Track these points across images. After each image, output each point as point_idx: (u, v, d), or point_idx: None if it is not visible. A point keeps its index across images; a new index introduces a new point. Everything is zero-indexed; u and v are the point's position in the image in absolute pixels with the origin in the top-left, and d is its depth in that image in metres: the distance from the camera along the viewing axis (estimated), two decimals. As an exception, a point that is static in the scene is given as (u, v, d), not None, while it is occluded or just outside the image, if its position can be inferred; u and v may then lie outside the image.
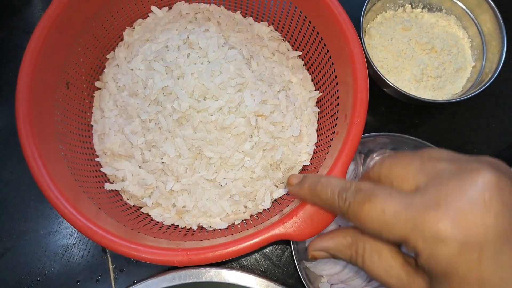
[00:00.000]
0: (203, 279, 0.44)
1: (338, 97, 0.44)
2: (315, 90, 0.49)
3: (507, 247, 0.23)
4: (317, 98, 0.49)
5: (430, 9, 0.57)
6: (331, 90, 0.46)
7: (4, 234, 0.50)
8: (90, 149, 0.47)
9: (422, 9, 0.57)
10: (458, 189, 0.23)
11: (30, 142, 0.38)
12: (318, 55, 0.47)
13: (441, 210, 0.23)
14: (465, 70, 0.55)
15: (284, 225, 0.36)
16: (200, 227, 0.46)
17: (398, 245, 0.28)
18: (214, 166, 0.44)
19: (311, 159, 0.47)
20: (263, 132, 0.45)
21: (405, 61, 0.54)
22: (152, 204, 0.46)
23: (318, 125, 0.48)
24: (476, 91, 0.48)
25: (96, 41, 0.48)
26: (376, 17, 0.57)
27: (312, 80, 0.50)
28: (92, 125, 0.49)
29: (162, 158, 0.44)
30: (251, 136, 0.45)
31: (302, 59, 0.50)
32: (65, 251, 0.49)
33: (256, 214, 0.46)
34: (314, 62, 0.49)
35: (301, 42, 0.49)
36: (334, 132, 0.43)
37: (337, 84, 0.44)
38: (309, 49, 0.49)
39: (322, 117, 0.48)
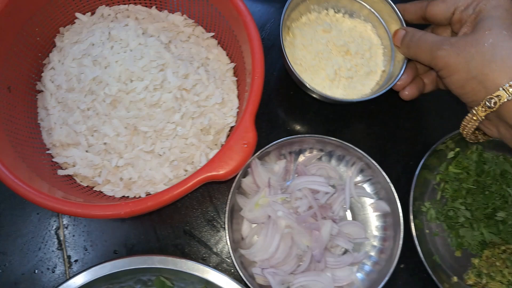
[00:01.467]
0: (146, 265, 0.48)
1: (245, 63, 0.52)
2: (231, 62, 0.57)
3: None
4: (233, 69, 0.57)
5: (350, 15, 0.60)
6: (240, 60, 0.54)
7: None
8: (41, 144, 0.54)
9: (343, 14, 0.60)
10: None
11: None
12: (227, 34, 0.55)
13: None
14: (375, 73, 0.58)
15: (208, 168, 0.43)
16: (148, 195, 0.52)
17: None
18: (150, 138, 0.51)
19: (236, 120, 0.55)
20: (189, 103, 0.52)
21: (322, 61, 0.57)
22: (102, 182, 0.52)
23: (238, 91, 0.56)
24: (379, 93, 0.53)
25: (30, 49, 0.54)
26: (301, 17, 0.60)
27: (227, 55, 0.58)
28: (39, 123, 0.55)
29: (104, 140, 0.51)
30: (179, 108, 0.52)
31: (216, 39, 0.58)
32: (24, 244, 0.54)
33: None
34: (225, 40, 0.57)
35: (212, 25, 0.57)
36: (247, 92, 0.51)
37: (243, 53, 0.52)
38: (220, 31, 0.57)
39: (240, 83, 0.56)
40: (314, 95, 0.55)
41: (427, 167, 0.57)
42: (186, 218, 0.56)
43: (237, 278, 0.50)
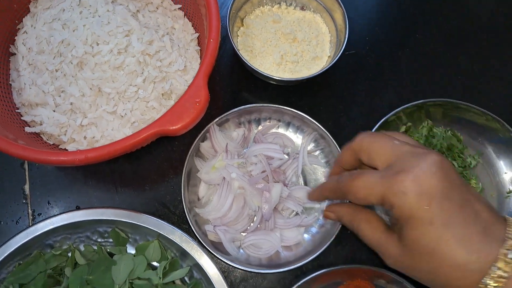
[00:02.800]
0: (102, 217, 0.51)
1: (206, 33, 0.55)
2: (195, 32, 0.61)
3: (446, 199, 0.36)
4: (197, 39, 0.61)
5: (301, 8, 0.67)
6: (204, 31, 0.57)
7: None
8: (11, 103, 0.57)
9: (294, 7, 0.67)
10: (415, 163, 0.37)
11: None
12: (192, 6, 0.59)
13: (404, 174, 0.37)
14: (321, 59, 0.64)
15: (160, 122, 0.47)
16: (110, 153, 0.56)
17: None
18: (113, 100, 0.55)
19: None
20: (151, 67, 0.56)
21: (270, 47, 0.63)
22: (68, 140, 0.56)
23: (201, 60, 0.60)
24: (320, 71, 0.59)
25: (7, 15, 0.58)
26: (255, 10, 0.67)
27: (193, 25, 0.62)
28: (10, 84, 0.58)
29: (70, 100, 0.55)
30: (142, 72, 0.56)
31: (182, 10, 0.62)
32: None
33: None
34: (191, 12, 0.61)
35: (180, -3, 0.61)
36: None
37: (205, 25, 0.56)
38: (186, 3, 0.60)
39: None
40: (262, 77, 0.61)
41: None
42: (146, 179, 0.60)
43: (191, 236, 0.54)
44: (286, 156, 0.59)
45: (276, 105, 0.59)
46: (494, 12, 0.73)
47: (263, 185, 0.56)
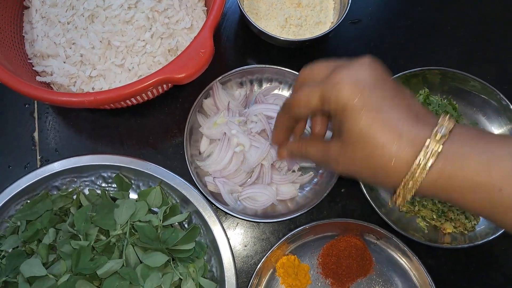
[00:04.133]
0: (107, 162, 0.55)
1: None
2: (203, -6, 0.64)
3: (379, 88, 0.37)
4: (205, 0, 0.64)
5: None
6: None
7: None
8: (24, 54, 0.60)
9: None
10: (350, 64, 0.38)
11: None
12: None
13: (339, 71, 0.38)
14: (324, 24, 0.67)
15: (166, 70, 0.50)
16: (117, 104, 0.59)
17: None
18: (122, 53, 0.58)
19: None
20: (159, 24, 0.59)
21: (274, 10, 0.66)
22: (76, 90, 0.59)
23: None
24: (323, 33, 0.61)
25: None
26: None
27: (200, -13, 0.65)
28: (23, 36, 0.61)
29: (80, 51, 0.58)
30: (150, 27, 0.59)
31: (192, -28, 0.65)
32: (3, 144, 0.62)
33: (161, 91, 0.60)
34: (200, -26, 0.64)
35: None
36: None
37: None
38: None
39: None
40: (266, 39, 0.63)
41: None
42: (151, 133, 0.63)
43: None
44: (285, 116, 0.62)
45: (278, 67, 0.62)
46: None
47: (262, 143, 0.59)
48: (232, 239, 0.60)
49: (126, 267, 0.50)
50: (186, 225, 0.58)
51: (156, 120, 0.63)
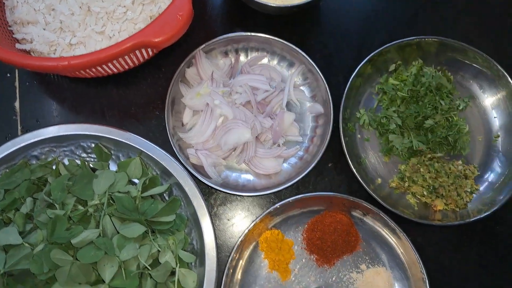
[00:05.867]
0: (87, 132, 0.54)
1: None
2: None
3: None
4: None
5: None
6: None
7: None
8: (4, 21, 0.59)
9: None
10: None
11: None
12: None
13: None
14: None
15: (143, 34, 0.49)
16: (97, 73, 0.58)
17: None
18: (102, 20, 0.57)
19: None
20: (141, -10, 0.57)
21: None
22: (56, 59, 0.58)
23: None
24: None
25: None
26: None
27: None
28: (4, 2, 0.60)
29: (60, 17, 0.57)
30: (131, -7, 0.57)
31: None
32: None
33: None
34: None
35: None
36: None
37: None
38: None
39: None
40: (254, 6, 0.60)
41: (364, 76, 0.61)
42: (133, 104, 0.62)
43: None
44: (272, 88, 0.61)
45: (265, 35, 0.60)
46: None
47: (247, 115, 0.58)
48: (214, 212, 0.59)
49: (102, 237, 0.50)
50: (167, 198, 0.57)
51: (139, 91, 0.62)
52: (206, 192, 0.59)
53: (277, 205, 0.55)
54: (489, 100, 0.63)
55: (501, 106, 0.62)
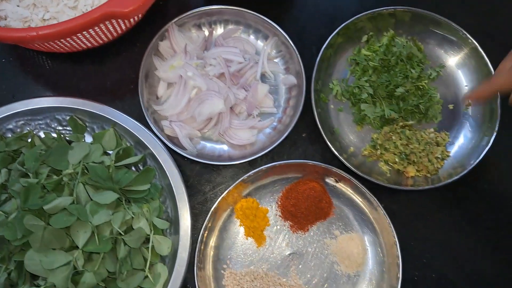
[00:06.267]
0: (61, 104, 0.55)
1: None
2: None
3: None
4: None
5: None
6: None
7: None
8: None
9: None
10: None
11: None
12: None
13: None
14: None
15: (111, 4, 0.49)
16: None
17: None
18: (75, -6, 0.58)
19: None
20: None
21: None
22: (30, 34, 0.59)
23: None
24: None
25: None
26: None
27: None
28: (-24, -20, 0.61)
29: (33, -7, 0.58)
30: (103, -33, 0.58)
31: None
32: None
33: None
34: None
35: None
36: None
37: None
38: None
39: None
40: None
41: (336, 46, 0.62)
42: (109, 79, 0.63)
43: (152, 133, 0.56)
44: (245, 60, 0.61)
45: (238, 8, 0.61)
46: None
47: (220, 86, 0.59)
48: (190, 183, 0.60)
49: (75, 204, 0.51)
50: (141, 168, 0.58)
51: (114, 66, 0.63)
52: (182, 163, 0.60)
53: (251, 173, 0.56)
54: (459, 66, 0.64)
55: (470, 70, 0.63)
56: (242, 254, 0.58)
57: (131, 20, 0.59)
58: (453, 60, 0.64)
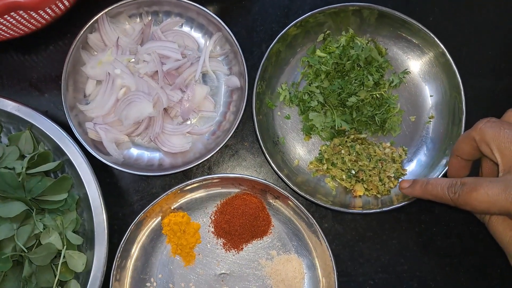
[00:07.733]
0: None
1: None
2: None
3: None
4: None
5: None
6: None
7: None
8: None
9: None
10: None
11: None
12: None
13: None
14: None
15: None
16: None
17: None
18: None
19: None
20: None
21: None
22: None
23: None
24: None
25: None
26: None
27: None
28: None
29: None
30: None
31: None
32: None
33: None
34: None
35: None
36: None
37: None
38: None
39: None
40: None
41: (287, 45, 0.56)
42: (34, 72, 0.57)
43: (73, 137, 0.51)
44: (184, 58, 0.55)
45: (179, -1, 0.55)
46: None
47: (151, 87, 0.53)
48: (114, 194, 0.56)
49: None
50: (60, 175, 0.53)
51: (41, 58, 0.57)
52: (109, 169, 0.56)
53: (181, 185, 0.51)
54: (425, 74, 0.57)
55: (437, 78, 0.57)
56: (168, 272, 0.54)
57: (56, 8, 0.52)
58: (418, 66, 0.57)
